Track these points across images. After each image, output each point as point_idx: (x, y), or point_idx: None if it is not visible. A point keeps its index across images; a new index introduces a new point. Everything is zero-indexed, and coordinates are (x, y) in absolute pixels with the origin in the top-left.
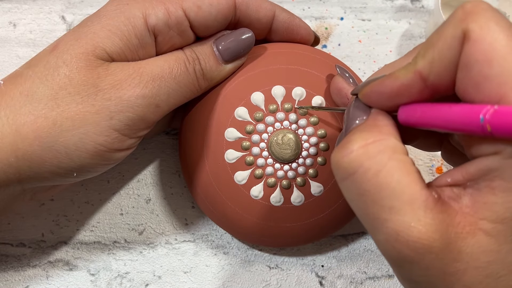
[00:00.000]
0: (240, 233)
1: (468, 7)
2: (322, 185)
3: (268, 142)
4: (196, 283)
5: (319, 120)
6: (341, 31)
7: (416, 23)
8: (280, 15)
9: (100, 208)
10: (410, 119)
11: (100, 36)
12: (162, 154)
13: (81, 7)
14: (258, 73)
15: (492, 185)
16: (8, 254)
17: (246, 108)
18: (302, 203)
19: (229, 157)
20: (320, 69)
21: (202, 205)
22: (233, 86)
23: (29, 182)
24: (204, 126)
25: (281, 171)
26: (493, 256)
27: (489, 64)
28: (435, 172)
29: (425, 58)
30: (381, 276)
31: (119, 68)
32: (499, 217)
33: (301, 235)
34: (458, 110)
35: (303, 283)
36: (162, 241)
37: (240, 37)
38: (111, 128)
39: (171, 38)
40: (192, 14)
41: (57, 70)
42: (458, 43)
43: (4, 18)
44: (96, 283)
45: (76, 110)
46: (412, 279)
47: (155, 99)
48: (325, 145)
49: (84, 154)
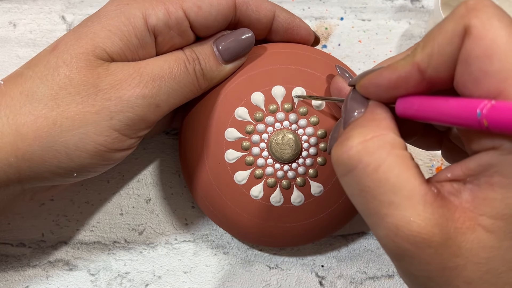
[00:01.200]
0: (240, 233)
1: (471, 3)
2: (322, 185)
3: (268, 142)
4: (196, 283)
5: (319, 120)
6: (341, 31)
7: (416, 23)
8: (280, 15)
9: (100, 208)
10: (407, 111)
11: (100, 36)
12: (162, 154)
13: (81, 7)
14: (258, 73)
15: (491, 181)
16: (8, 254)
17: (246, 108)
18: (302, 203)
19: (229, 157)
20: (320, 69)
21: (202, 205)
22: (233, 86)
23: (29, 182)
24: (204, 126)
25: (281, 171)
26: (492, 252)
27: (490, 60)
28: (435, 172)
29: (424, 50)
30: (381, 276)
31: (119, 68)
32: (499, 213)
33: (301, 235)
34: (455, 103)
35: (303, 283)
36: (162, 241)
37: (240, 37)
38: (111, 128)
39: (171, 38)
40: (192, 14)
41: (57, 70)
42: (459, 38)
43: (4, 18)
44: (96, 283)
45: (76, 110)
46: (412, 273)
47: (155, 99)
48: (325, 145)
49: (84, 154)
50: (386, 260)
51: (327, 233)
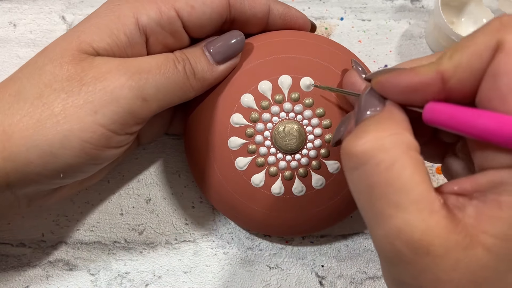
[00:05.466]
0: (240, 220)
1: (505, 19)
2: (324, 178)
3: (272, 131)
4: (196, 283)
5: (324, 112)
6: (341, 31)
7: (416, 23)
8: (276, 8)
9: (100, 208)
10: (437, 118)
11: (87, 32)
12: (162, 154)
13: (81, 7)
14: (266, 61)
15: (500, 199)
16: (8, 254)
17: (253, 96)
18: (303, 194)
19: (232, 144)
20: (330, 60)
21: (204, 190)
22: (240, 73)
23: (18, 185)
24: (211, 112)
25: (284, 162)
26: (490, 272)
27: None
28: (435, 172)
29: (452, 60)
30: (381, 276)
31: (104, 61)
32: (502, 233)
33: (300, 225)
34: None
35: (303, 283)
36: (162, 241)
37: (230, 41)
38: (96, 124)
39: (164, 38)
40: (185, 14)
41: (43, 68)
42: (490, 52)
43: (4, 18)
44: (96, 283)
45: (60, 106)
46: (403, 281)
47: (141, 92)
48: (330, 138)
49: (70, 152)
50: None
51: (326, 225)
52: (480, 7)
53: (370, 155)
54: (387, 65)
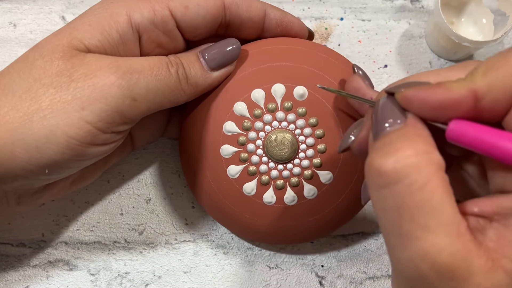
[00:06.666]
0: (234, 228)
1: None
2: (316, 188)
3: (264, 140)
4: (196, 283)
5: (318, 122)
6: (341, 31)
7: (416, 23)
8: (272, 13)
9: (100, 208)
10: (463, 137)
11: (79, 29)
12: (162, 154)
13: (81, 7)
14: (260, 69)
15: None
16: (8, 254)
17: (246, 104)
18: (295, 203)
19: (224, 152)
20: (325, 68)
21: (198, 198)
22: (234, 81)
23: (3, 180)
24: (203, 119)
25: (275, 171)
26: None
27: None
28: None
29: (486, 78)
30: (381, 276)
31: (95, 58)
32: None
33: (293, 234)
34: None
35: (303, 283)
36: (162, 241)
37: (225, 49)
38: (83, 120)
39: (157, 37)
40: (179, 14)
41: (33, 63)
42: None
43: (4, 18)
44: (96, 283)
45: (48, 101)
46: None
47: (131, 92)
48: (322, 147)
49: (55, 147)
50: (386, 260)
51: (318, 235)
52: (480, 7)
53: (403, 174)
54: (387, 65)
